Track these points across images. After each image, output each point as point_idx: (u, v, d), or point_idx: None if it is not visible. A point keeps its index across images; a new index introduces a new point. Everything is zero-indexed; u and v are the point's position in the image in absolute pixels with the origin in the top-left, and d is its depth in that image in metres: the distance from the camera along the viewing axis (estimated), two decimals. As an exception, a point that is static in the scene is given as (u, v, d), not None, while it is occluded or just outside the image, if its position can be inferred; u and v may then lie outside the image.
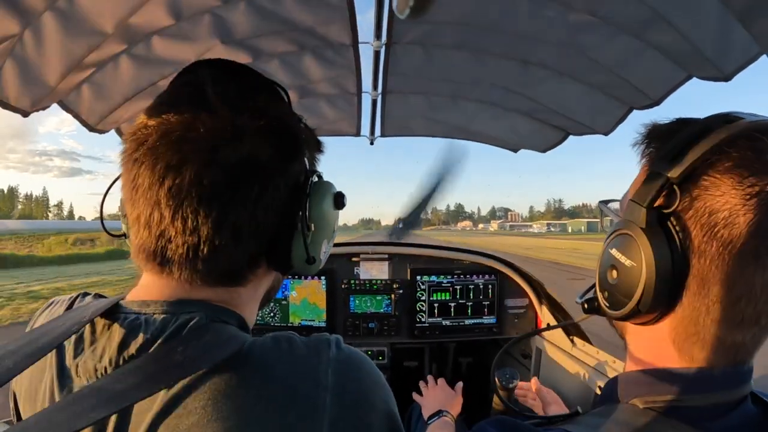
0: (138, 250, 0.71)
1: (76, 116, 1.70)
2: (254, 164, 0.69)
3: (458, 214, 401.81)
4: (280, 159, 0.73)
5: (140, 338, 0.66)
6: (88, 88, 1.63)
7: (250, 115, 0.70)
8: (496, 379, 1.87)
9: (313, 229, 0.79)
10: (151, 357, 0.64)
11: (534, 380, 1.97)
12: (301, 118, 0.82)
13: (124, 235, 0.79)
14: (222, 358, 0.63)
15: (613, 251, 0.74)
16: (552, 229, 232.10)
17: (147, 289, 0.75)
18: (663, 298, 0.66)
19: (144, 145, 0.67)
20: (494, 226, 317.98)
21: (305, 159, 0.81)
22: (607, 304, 0.77)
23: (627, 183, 0.79)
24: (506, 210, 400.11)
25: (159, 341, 0.66)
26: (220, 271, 0.72)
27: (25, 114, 1.43)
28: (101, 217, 0.97)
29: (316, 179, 0.82)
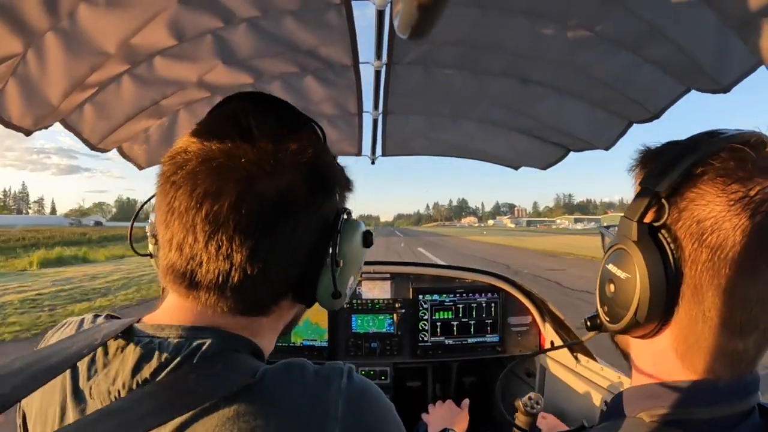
0: (166, 271, 0.72)
1: (78, 135, 1.71)
2: (291, 199, 0.70)
3: (461, 209, 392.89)
4: (315, 196, 0.74)
5: (154, 362, 0.66)
6: (90, 107, 1.64)
7: (291, 150, 0.71)
8: (519, 404, 1.82)
9: (341, 265, 0.80)
10: (165, 384, 0.64)
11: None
12: (335, 157, 0.84)
13: (151, 255, 0.79)
14: (234, 387, 0.63)
15: (610, 266, 0.76)
16: (589, 225, 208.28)
17: (167, 312, 0.75)
18: (659, 307, 0.67)
19: (183, 169, 0.68)
20: (507, 221, 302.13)
21: (337, 197, 0.82)
22: (607, 319, 0.79)
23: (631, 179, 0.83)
24: (511, 205, 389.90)
25: (172, 367, 0.66)
26: (247, 300, 0.72)
27: (28, 133, 1.44)
28: (130, 238, 0.97)
29: (346, 217, 0.83)
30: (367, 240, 0.87)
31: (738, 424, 0.65)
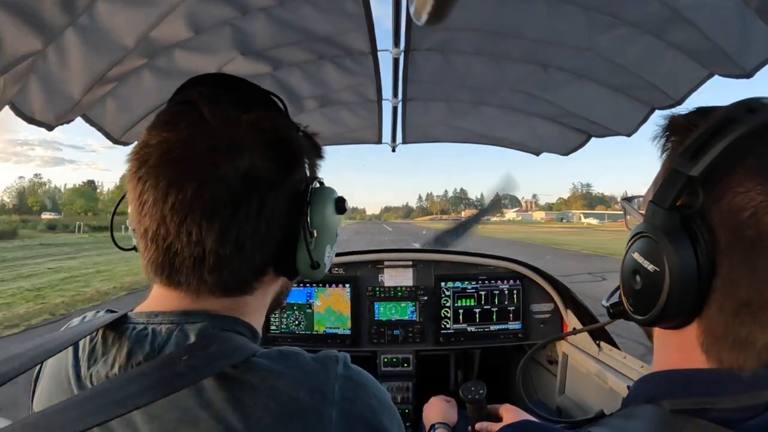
0: (148, 264, 0.74)
1: (100, 129, 1.73)
2: (254, 177, 0.72)
3: (460, 200, 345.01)
4: (278, 170, 0.76)
5: (147, 347, 0.70)
6: (111, 101, 1.66)
7: (246, 129, 0.73)
8: (461, 395, 1.81)
9: (315, 234, 0.82)
10: (155, 365, 0.66)
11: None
12: (299, 127, 0.85)
13: (135, 249, 0.82)
14: (225, 367, 0.66)
15: (636, 255, 0.72)
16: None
17: (156, 300, 0.78)
18: (689, 302, 0.64)
19: (146, 164, 0.71)
20: (540, 215, 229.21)
21: (305, 167, 0.84)
22: (632, 309, 0.76)
23: (641, 170, 0.66)
24: (513, 197, 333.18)
25: (165, 350, 0.69)
26: (226, 281, 0.74)
27: (50, 128, 1.46)
28: (111, 232, 1.00)
29: (318, 186, 0.85)
30: (340, 207, 0.89)
31: (761, 413, 0.62)
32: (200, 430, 0.63)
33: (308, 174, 0.84)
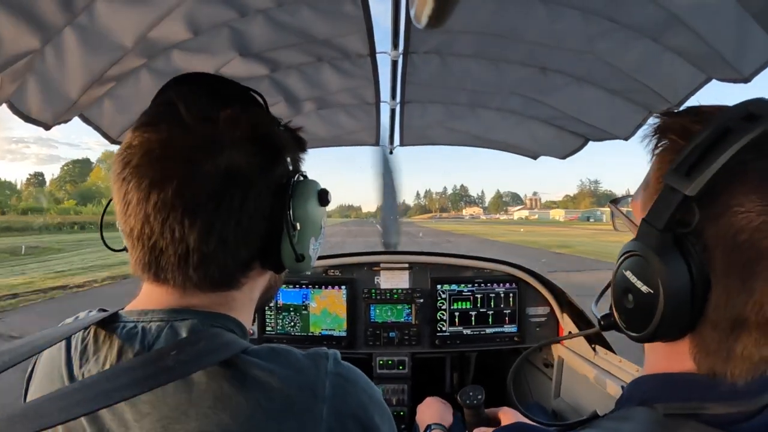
0: (135, 263, 0.76)
1: (98, 129, 1.73)
2: (234, 173, 0.73)
3: (460, 198, 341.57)
4: (259, 164, 0.77)
5: (137, 345, 0.71)
6: (109, 101, 1.65)
7: (225, 126, 0.74)
8: (459, 400, 1.80)
9: (299, 227, 0.83)
10: (144, 360, 0.67)
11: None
12: (280, 122, 0.86)
13: (125, 249, 0.83)
14: (214, 363, 0.66)
15: (628, 274, 0.71)
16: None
17: (145, 298, 0.80)
18: (682, 323, 0.64)
19: (129, 165, 0.72)
20: (559, 213, 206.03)
21: (286, 161, 0.84)
22: (624, 325, 0.75)
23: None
24: (514, 194, 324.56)
25: (155, 347, 0.70)
26: (211, 277, 0.75)
27: (48, 127, 1.46)
28: (101, 233, 1.01)
29: (301, 179, 0.86)
30: (323, 199, 0.89)
31: (755, 415, 0.62)
32: (191, 426, 0.64)
33: (291, 168, 0.85)
